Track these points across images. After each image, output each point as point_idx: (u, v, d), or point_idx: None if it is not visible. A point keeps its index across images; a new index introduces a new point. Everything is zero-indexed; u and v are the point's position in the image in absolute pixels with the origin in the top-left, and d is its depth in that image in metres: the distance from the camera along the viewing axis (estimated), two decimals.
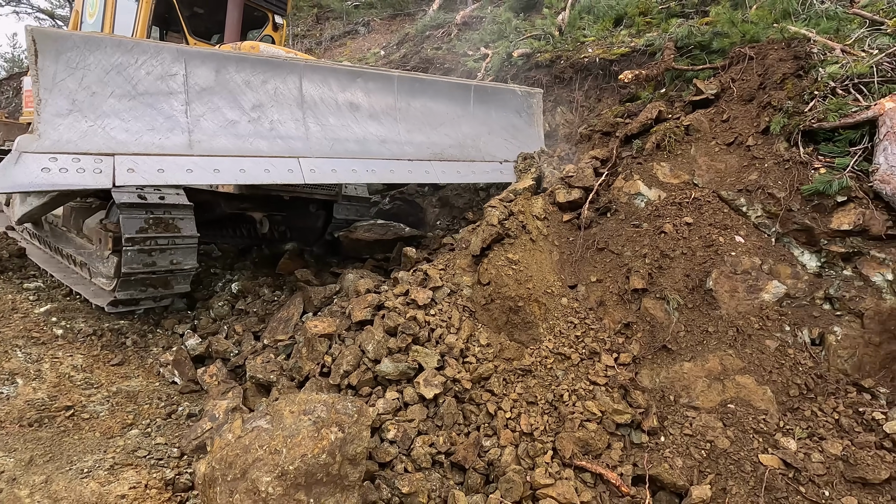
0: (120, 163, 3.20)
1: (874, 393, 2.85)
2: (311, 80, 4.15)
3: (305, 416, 2.26)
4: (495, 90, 5.42)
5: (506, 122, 5.40)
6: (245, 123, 3.80)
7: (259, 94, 3.88)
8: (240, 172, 3.63)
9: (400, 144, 4.60)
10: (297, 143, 3.99)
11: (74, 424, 3.05)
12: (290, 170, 3.85)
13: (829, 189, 3.19)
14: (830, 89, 3.61)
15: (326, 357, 3.53)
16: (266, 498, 2.08)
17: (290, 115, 4.02)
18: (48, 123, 3.05)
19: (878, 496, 2.47)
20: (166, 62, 3.48)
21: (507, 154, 5.32)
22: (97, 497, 2.44)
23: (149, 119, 3.41)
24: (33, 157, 2.94)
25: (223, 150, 3.65)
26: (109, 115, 3.27)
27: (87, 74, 3.19)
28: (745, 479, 2.67)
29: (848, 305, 3.04)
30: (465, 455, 2.92)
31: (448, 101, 4.99)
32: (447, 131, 4.97)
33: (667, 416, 3.10)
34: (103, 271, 4.50)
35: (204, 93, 3.65)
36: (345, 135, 4.29)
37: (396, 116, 4.66)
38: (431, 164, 4.74)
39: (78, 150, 3.11)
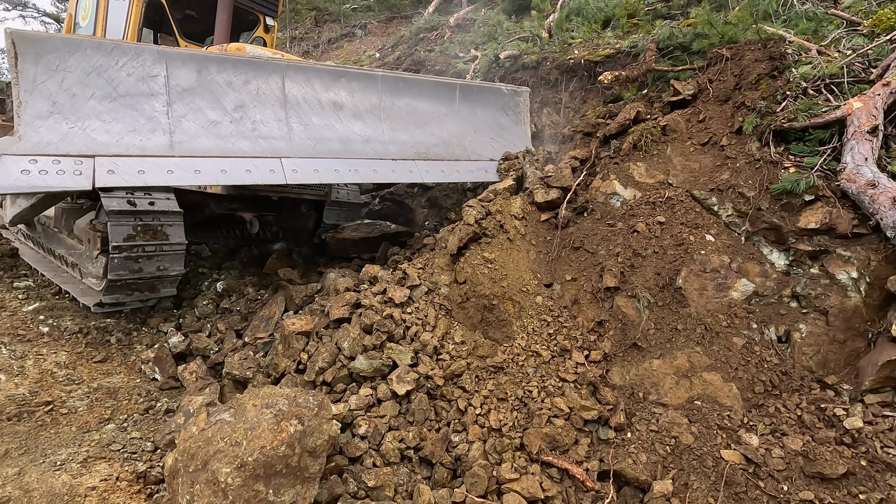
0: (100, 164, 3.23)
1: (837, 389, 2.87)
2: (293, 80, 4.18)
3: (267, 410, 2.32)
4: (481, 89, 5.44)
5: (492, 121, 5.41)
6: (227, 124, 3.82)
7: (241, 95, 3.91)
8: (221, 173, 3.66)
9: (384, 144, 4.62)
10: (279, 143, 4.01)
11: (52, 419, 3.11)
12: (272, 170, 3.86)
13: (797, 188, 3.22)
14: (802, 90, 3.64)
15: (303, 354, 3.58)
16: (225, 489, 2.13)
17: (272, 115, 4.04)
18: (28, 125, 3.08)
19: (834, 491, 2.50)
20: (147, 64, 3.51)
21: (494, 153, 5.35)
22: (68, 489, 2.50)
23: (130, 120, 3.44)
24: (13, 159, 2.98)
25: (205, 151, 3.67)
26: (90, 116, 3.30)
27: (67, 76, 3.23)
28: (707, 475, 2.71)
29: (814, 303, 3.07)
30: (433, 450, 2.97)
31: (433, 100, 5.00)
32: (432, 130, 4.98)
33: (635, 413, 3.14)
34: (93, 271, 4.56)
35: (185, 94, 3.67)
36: (328, 134, 4.30)
37: (381, 116, 4.68)
38: (416, 163, 4.76)
39: (58, 151, 3.14)
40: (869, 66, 3.73)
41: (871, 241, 3.02)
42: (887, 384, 2.77)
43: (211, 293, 4.90)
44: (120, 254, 4.00)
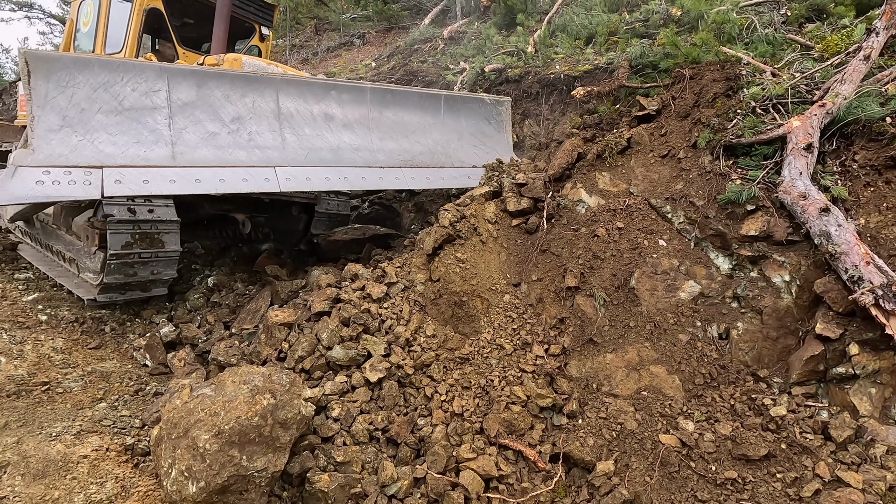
0: (108, 175, 3.42)
1: (768, 382, 3.15)
2: (287, 93, 4.43)
3: (244, 385, 2.58)
4: (465, 99, 5.72)
5: (475, 130, 5.68)
6: (225, 135, 4.04)
7: (238, 108, 4.14)
8: (220, 182, 3.86)
9: (372, 152, 4.86)
10: (273, 153, 4.23)
11: (49, 397, 3.37)
12: (267, 178, 4.09)
13: (740, 198, 3.51)
14: (751, 108, 3.95)
15: (284, 343, 3.84)
16: (203, 453, 2.39)
17: (267, 127, 4.27)
18: (41, 139, 3.29)
19: (756, 471, 2.76)
20: (150, 79, 3.74)
21: (477, 160, 5.62)
22: (62, 456, 2.75)
23: (134, 133, 3.65)
24: (28, 170, 3.17)
25: (204, 161, 3.88)
26: (98, 129, 3.51)
27: (76, 92, 3.45)
28: (646, 456, 2.97)
29: (751, 303, 3.35)
30: (398, 431, 3.22)
31: (419, 110, 5.27)
32: (418, 139, 5.24)
33: (587, 402, 3.40)
34: (90, 266, 4.80)
35: (186, 107, 3.90)
36: (319, 144, 4.53)
37: (369, 126, 4.92)
38: (402, 170, 4.99)
39: (69, 163, 3.34)
40: (815, 87, 4.04)
41: (802, 248, 3.31)
42: (811, 377, 3.05)
43: (202, 288, 5.17)
44: (117, 260, 4.23)
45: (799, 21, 5.49)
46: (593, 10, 8.03)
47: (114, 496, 2.55)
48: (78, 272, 4.98)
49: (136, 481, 2.67)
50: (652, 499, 2.78)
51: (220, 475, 2.37)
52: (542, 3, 9.82)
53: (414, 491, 2.94)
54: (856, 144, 3.54)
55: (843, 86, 3.70)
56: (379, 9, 14.64)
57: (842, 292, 3.00)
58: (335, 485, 2.74)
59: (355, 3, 16.15)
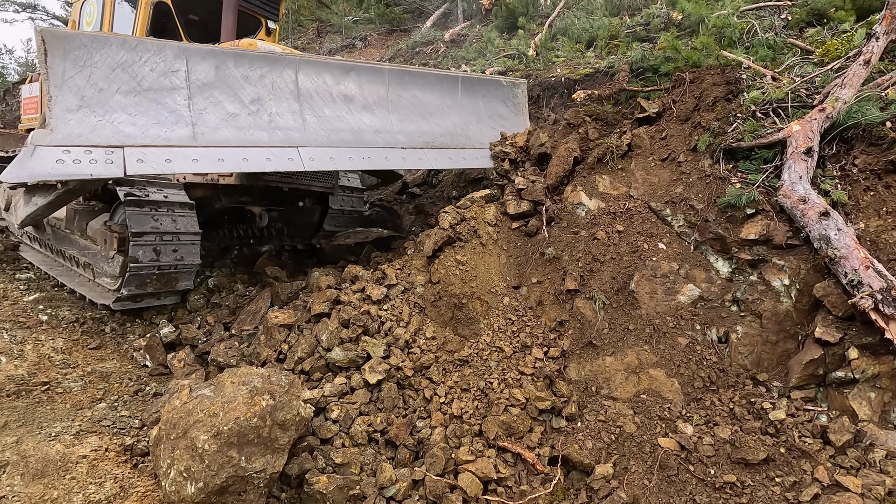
0: (129, 154, 3.35)
1: (767, 386, 3.15)
2: (306, 73, 4.33)
3: (243, 386, 2.58)
4: (481, 81, 5.65)
5: (492, 111, 5.62)
6: (245, 116, 3.95)
7: (257, 89, 4.04)
8: (243, 161, 3.78)
9: (393, 134, 4.76)
10: (295, 134, 4.14)
11: (48, 397, 3.37)
12: (291, 158, 3.99)
13: (740, 202, 3.51)
14: (751, 112, 3.96)
15: (283, 345, 3.85)
16: (202, 454, 2.39)
17: (287, 108, 4.17)
18: (59, 118, 3.20)
19: (755, 474, 2.76)
20: (169, 59, 3.65)
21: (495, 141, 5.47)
22: (61, 456, 2.76)
23: (154, 113, 3.57)
24: (47, 149, 3.09)
25: (225, 142, 3.79)
26: (116, 109, 3.43)
27: (94, 72, 3.36)
28: (645, 459, 2.97)
29: (750, 307, 3.35)
30: (397, 433, 3.22)
31: (437, 92, 5.19)
32: (437, 121, 5.16)
33: (587, 405, 3.40)
34: (108, 271, 4.71)
35: (205, 88, 3.80)
36: (340, 125, 4.44)
37: (388, 107, 4.84)
38: (424, 151, 4.91)
39: (89, 142, 3.26)
40: (815, 92, 4.05)
41: (802, 252, 3.31)
42: (811, 381, 3.05)
43: (202, 289, 5.17)
44: (139, 241, 4.17)
45: (800, 25, 5.51)
46: (594, 14, 8.05)
47: (112, 496, 2.55)
48: (93, 277, 4.91)
49: (134, 482, 2.67)
50: (650, 502, 2.78)
51: (219, 476, 2.37)
52: (544, 6, 9.85)
53: (412, 493, 2.94)
54: (856, 149, 3.54)
55: (844, 90, 3.71)
56: (381, 11, 14.69)
57: (841, 296, 2.99)
58: (333, 486, 2.74)
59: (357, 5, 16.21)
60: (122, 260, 4.42)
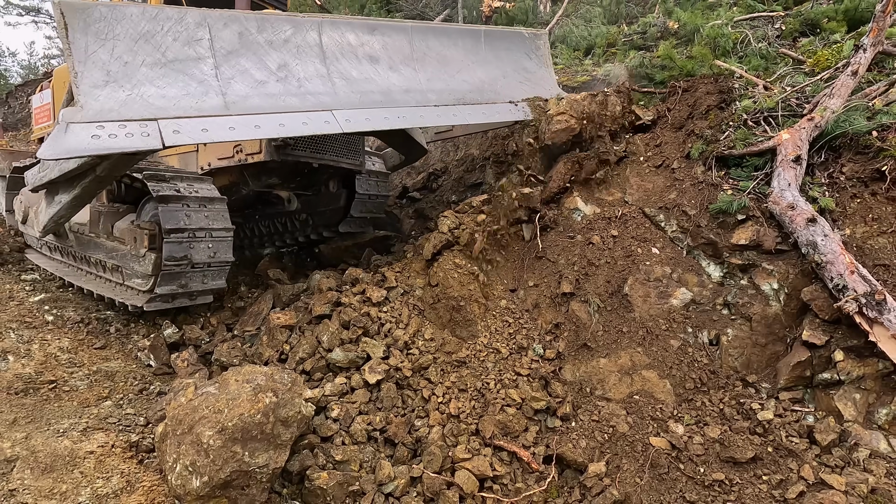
0: (164, 126, 3.26)
1: (757, 387, 3.23)
2: (329, 35, 4.24)
3: (247, 384, 2.67)
4: (504, 33, 5.54)
5: (517, 65, 5.50)
6: (274, 83, 3.87)
7: (282, 54, 3.95)
8: (280, 126, 3.69)
9: (423, 93, 4.69)
10: (326, 98, 4.07)
11: (56, 395, 3.45)
12: (327, 121, 3.90)
13: (731, 208, 3.61)
14: (743, 121, 4.06)
15: (285, 345, 3.93)
16: (207, 449, 2.47)
17: (315, 72, 4.10)
18: (88, 95, 3.12)
19: (743, 473, 2.84)
20: (191, 27, 3.55)
21: (524, 94, 5.37)
22: (69, 452, 2.84)
23: (182, 84, 3.48)
24: (81, 126, 3.00)
25: (258, 109, 3.71)
26: (144, 83, 3.35)
27: (117, 45, 3.27)
28: (636, 458, 3.05)
29: (741, 311, 3.44)
30: (396, 431, 3.30)
31: (461, 47, 5.09)
32: (464, 77, 5.06)
33: (581, 405, 3.48)
34: (139, 271, 4.57)
35: (231, 55, 3.71)
36: (369, 87, 4.36)
37: (415, 66, 4.75)
38: (457, 107, 4.82)
39: (121, 117, 3.17)
40: (805, 101, 4.15)
41: (790, 257, 3.40)
42: (799, 382, 3.13)
43: None
44: (172, 238, 4.13)
45: (793, 35, 5.62)
46: (593, 22, 8.18)
47: (119, 490, 2.63)
48: (123, 280, 4.79)
49: (140, 476, 2.75)
50: (642, 499, 2.86)
51: (223, 470, 2.45)
52: (544, 14, 9.99)
53: (410, 490, 3.02)
54: (843, 157, 3.64)
55: (832, 100, 3.81)
56: (382, 16, 14.83)
57: (828, 300, 3.09)
58: (334, 482, 2.82)
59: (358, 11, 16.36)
60: (154, 257, 4.34)
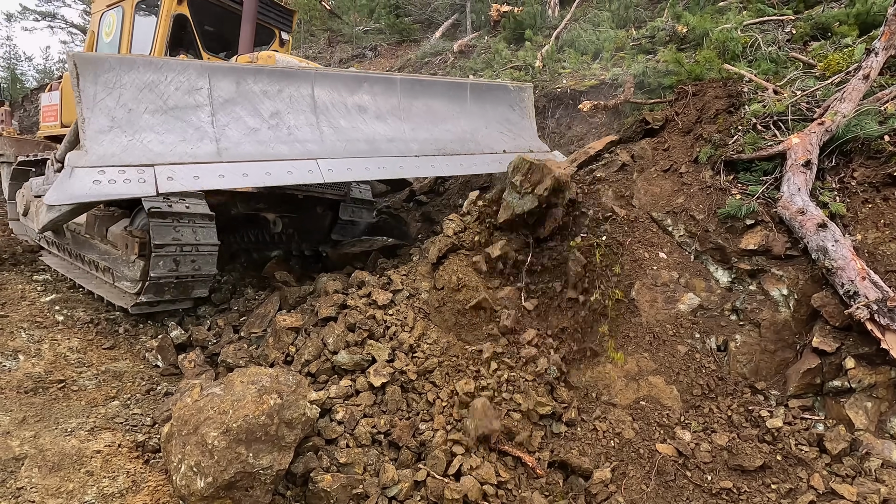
0: (160, 172, 3.47)
1: (766, 394, 3.19)
2: (322, 86, 4.46)
3: (252, 385, 2.68)
4: (489, 86, 5.74)
5: (500, 116, 5.69)
6: (265, 130, 4.07)
7: (276, 103, 4.17)
8: (266, 175, 3.90)
9: (406, 142, 4.89)
10: (313, 146, 4.27)
11: (64, 394, 3.49)
12: (311, 171, 4.12)
13: (740, 213, 3.58)
14: (752, 125, 4.03)
15: (291, 347, 3.95)
16: (212, 450, 2.48)
17: (305, 121, 4.31)
18: (92, 140, 3.33)
19: (751, 481, 2.80)
20: (192, 77, 3.78)
21: (504, 146, 5.58)
22: (76, 451, 2.86)
23: (180, 131, 3.69)
24: (84, 171, 3.22)
25: (248, 156, 3.91)
26: (145, 129, 3.56)
27: (123, 93, 3.48)
28: (643, 465, 3.02)
29: (749, 316, 3.40)
30: (400, 434, 3.29)
31: (447, 99, 5.29)
32: (448, 127, 5.26)
33: (587, 411, 3.45)
34: (128, 275, 4.78)
35: (227, 104, 3.93)
36: (355, 136, 4.57)
37: (401, 116, 4.96)
38: (436, 158, 5.00)
39: (121, 162, 3.38)
40: (815, 105, 4.11)
41: (800, 263, 3.36)
42: (808, 390, 3.09)
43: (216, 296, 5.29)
44: (161, 252, 4.31)
45: (804, 39, 5.58)
46: (601, 27, 8.18)
47: (125, 490, 2.64)
48: (113, 280, 5.01)
49: (146, 476, 2.77)
50: None
51: (228, 471, 2.46)
52: (552, 19, 10.00)
53: (414, 493, 3.00)
54: (854, 162, 3.59)
55: (843, 104, 3.77)
56: (391, 22, 14.93)
57: (838, 307, 3.04)
58: (338, 485, 2.82)
59: (368, 16, 16.48)
60: (142, 265, 4.52)
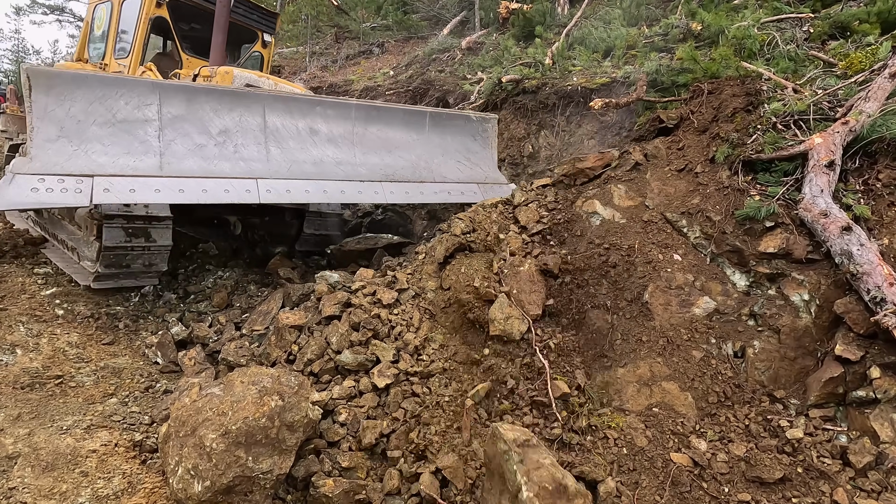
0: (98, 183, 3.57)
1: (785, 403, 3.07)
2: (273, 108, 4.52)
3: (253, 386, 2.58)
4: (451, 115, 5.74)
5: (460, 146, 5.66)
6: (212, 147, 4.15)
7: (226, 121, 4.24)
8: (202, 192, 3.96)
9: (354, 166, 4.88)
10: (257, 165, 4.32)
11: (61, 391, 3.41)
12: (248, 190, 4.16)
13: (759, 214, 3.46)
14: (772, 124, 3.90)
15: (293, 346, 3.85)
16: (210, 453, 2.39)
17: (252, 140, 4.36)
18: (39, 148, 3.45)
19: (770, 494, 2.68)
20: (143, 94, 3.88)
21: (461, 175, 5.56)
22: (71, 450, 2.78)
23: (125, 144, 3.79)
24: (25, 178, 3.34)
25: (190, 172, 3.99)
26: (92, 140, 3.67)
27: (73, 105, 3.59)
28: (656, 475, 2.90)
29: (768, 322, 3.28)
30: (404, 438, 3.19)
31: (404, 126, 5.27)
32: (401, 153, 5.24)
33: (598, 416, 3.34)
34: (88, 255, 4.90)
35: (176, 120, 4.01)
36: (302, 157, 4.59)
37: (353, 140, 4.95)
38: (382, 184, 4.99)
39: (63, 171, 3.48)
40: (837, 105, 3.98)
41: (822, 267, 3.23)
42: (830, 400, 2.96)
43: (215, 288, 5.21)
44: (111, 253, 4.39)
45: (822, 38, 5.43)
46: (612, 24, 8.04)
47: (120, 492, 2.56)
48: (78, 259, 5.13)
49: (142, 478, 2.68)
50: None
51: (226, 475, 2.36)
52: (562, 16, 9.87)
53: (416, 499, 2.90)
54: (880, 163, 3.46)
55: (868, 103, 3.64)
56: (398, 18, 14.83)
57: (863, 313, 2.92)
58: (340, 490, 2.73)
59: (375, 12, 16.38)
60: (98, 246, 4.56)
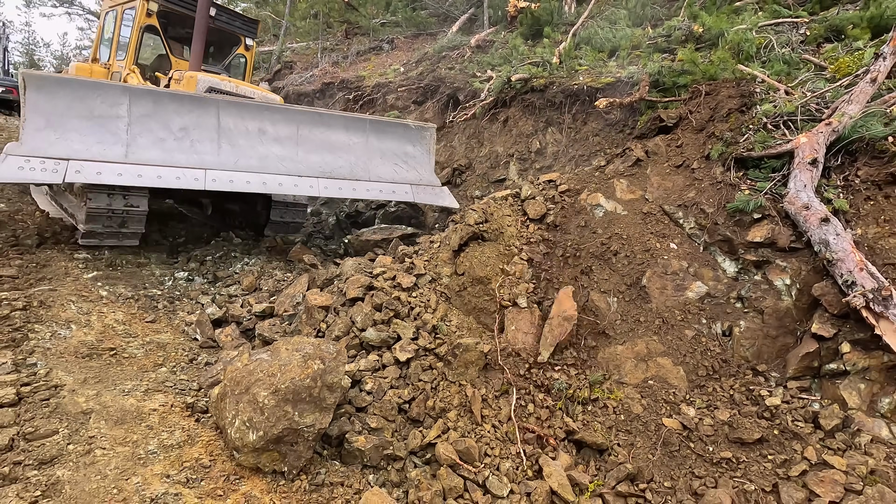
0: (71, 166, 4.46)
1: (766, 376, 3.42)
2: (226, 111, 5.39)
3: (297, 352, 2.96)
4: (391, 123, 6.44)
5: (399, 150, 6.39)
6: (171, 141, 5.04)
7: (185, 120, 5.12)
8: (157, 178, 4.82)
9: (296, 162, 5.66)
10: (208, 158, 5.18)
11: (117, 361, 3.80)
12: (196, 178, 5.00)
13: (748, 207, 3.79)
14: (763, 124, 4.22)
15: (322, 324, 4.23)
16: (262, 408, 2.77)
17: (207, 136, 5.22)
18: (29, 135, 4.40)
19: (749, 452, 3.04)
20: (116, 96, 4.82)
21: (396, 177, 6.27)
22: (135, 408, 3.17)
23: (99, 135, 4.69)
24: (15, 158, 4.27)
25: (151, 161, 4.88)
26: (71, 130, 4.58)
27: (59, 102, 4.52)
28: (649, 437, 3.27)
29: (753, 304, 3.63)
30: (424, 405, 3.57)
31: (346, 132, 6.00)
32: (341, 154, 5.98)
33: (598, 388, 3.71)
34: (80, 218, 5.55)
35: (143, 118, 4.92)
36: (250, 153, 5.41)
37: (298, 141, 5.74)
38: (318, 180, 5.73)
39: (45, 154, 4.41)
40: (825, 106, 4.30)
41: (803, 255, 3.58)
42: (807, 373, 3.32)
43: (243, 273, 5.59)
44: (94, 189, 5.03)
45: (817, 41, 5.72)
46: (618, 24, 8.33)
47: (182, 442, 2.94)
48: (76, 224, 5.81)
49: (199, 432, 3.06)
50: (653, 473, 3.08)
51: (276, 427, 2.74)
52: (569, 15, 10.15)
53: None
54: (859, 161, 3.79)
55: (850, 106, 3.96)
56: (408, 15, 15.11)
57: (837, 296, 3.26)
58: (371, 445, 3.10)
59: (385, 8, 16.66)
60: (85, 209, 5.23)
